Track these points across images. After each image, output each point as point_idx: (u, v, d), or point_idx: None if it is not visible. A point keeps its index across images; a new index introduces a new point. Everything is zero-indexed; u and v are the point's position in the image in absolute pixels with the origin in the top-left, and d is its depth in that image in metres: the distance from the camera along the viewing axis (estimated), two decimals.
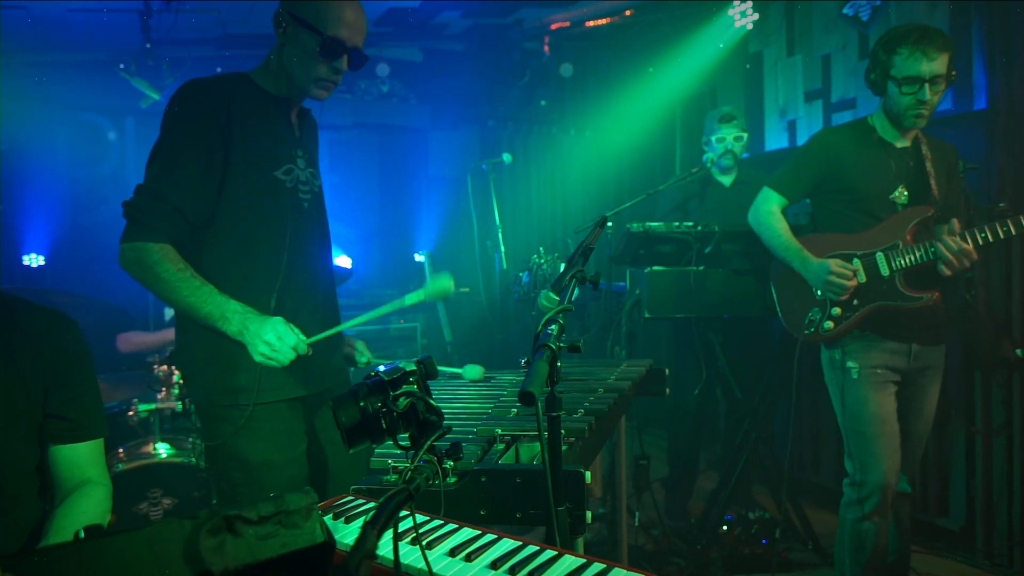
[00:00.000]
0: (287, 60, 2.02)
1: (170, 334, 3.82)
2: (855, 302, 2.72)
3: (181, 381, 3.17)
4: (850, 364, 2.73)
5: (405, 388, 0.94)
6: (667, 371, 2.50)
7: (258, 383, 1.95)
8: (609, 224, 3.59)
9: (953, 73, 2.64)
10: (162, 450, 3.10)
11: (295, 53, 2.00)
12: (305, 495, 0.76)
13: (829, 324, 2.76)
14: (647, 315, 3.32)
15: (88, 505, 1.56)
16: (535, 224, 6.33)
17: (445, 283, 1.99)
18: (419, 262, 5.51)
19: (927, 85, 2.58)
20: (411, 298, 2.00)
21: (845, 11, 4.26)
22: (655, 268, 3.35)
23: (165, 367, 3.24)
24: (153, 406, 3.16)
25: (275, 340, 1.84)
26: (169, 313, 4.08)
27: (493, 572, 0.97)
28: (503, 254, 4.10)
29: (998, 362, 3.41)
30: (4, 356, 1.54)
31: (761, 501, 3.98)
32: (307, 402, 2.10)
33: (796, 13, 4.64)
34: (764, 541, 3.52)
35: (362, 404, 0.93)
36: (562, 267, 3.69)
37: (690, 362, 3.73)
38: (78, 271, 4.71)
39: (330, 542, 0.75)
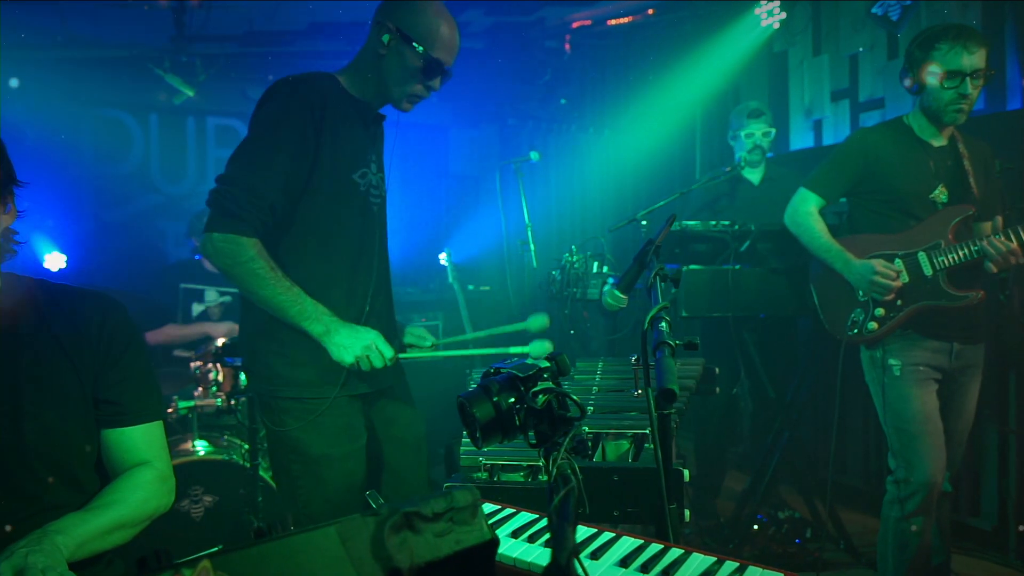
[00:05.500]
0: (386, 71, 2.04)
1: (203, 327, 3.81)
2: (899, 302, 2.72)
3: (219, 376, 3.15)
4: (892, 362, 2.73)
5: (542, 385, 0.94)
6: (717, 370, 2.49)
7: (334, 377, 1.97)
8: (644, 223, 3.60)
9: (992, 70, 2.66)
10: (200, 448, 3.10)
11: (396, 67, 2.02)
12: (470, 492, 0.75)
13: (873, 325, 2.76)
14: (684, 314, 3.32)
15: (126, 487, 1.53)
16: (554, 222, 6.32)
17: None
18: (442, 263, 5.50)
19: (968, 79, 2.61)
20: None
21: (874, 10, 4.26)
22: (692, 267, 3.34)
23: (201, 363, 3.23)
24: (192, 403, 3.15)
25: (373, 351, 1.91)
26: (197, 309, 4.07)
27: (623, 570, 0.96)
28: (533, 252, 4.10)
29: None
30: (55, 344, 1.52)
31: (790, 500, 3.98)
32: (366, 398, 2.12)
33: (823, 13, 4.65)
34: (797, 540, 3.53)
35: (496, 400, 0.93)
36: (595, 265, 3.69)
37: (723, 361, 3.72)
38: (102, 267, 4.70)
39: (495, 539, 0.74)
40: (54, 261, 4.74)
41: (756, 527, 3.60)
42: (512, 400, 0.94)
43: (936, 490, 2.66)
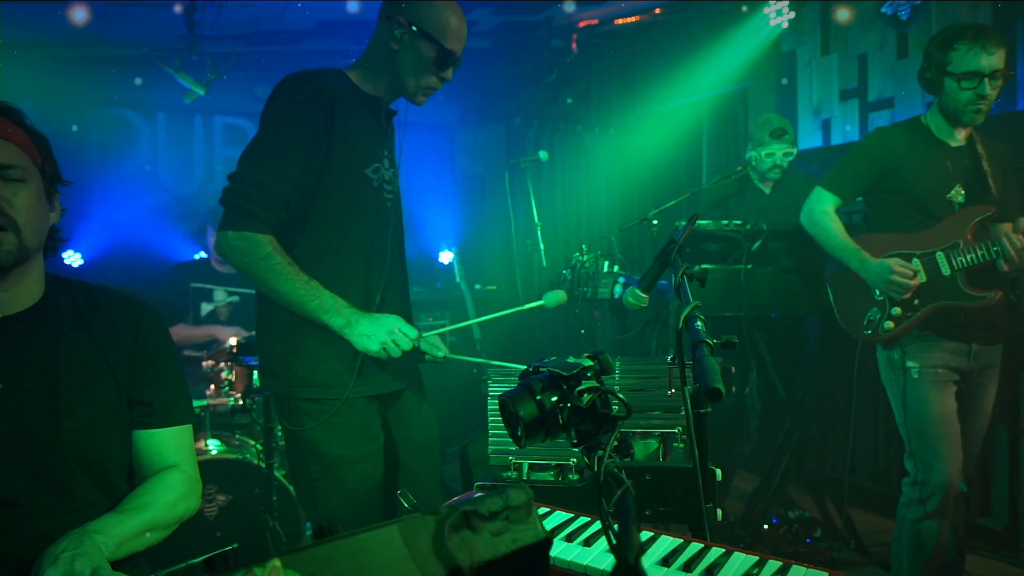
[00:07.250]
0: (400, 65, 2.03)
1: (210, 331, 3.81)
2: (916, 302, 2.71)
3: (231, 376, 3.14)
4: (910, 364, 2.73)
5: (586, 384, 0.94)
6: (733, 369, 2.49)
7: (351, 377, 1.96)
8: (655, 223, 3.60)
9: (1010, 70, 2.66)
10: (213, 447, 3.09)
11: (410, 60, 2.02)
12: (523, 491, 0.75)
13: (889, 324, 2.75)
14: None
15: (158, 489, 1.53)
16: (560, 221, 6.32)
17: (560, 296, 2.24)
18: (447, 262, 5.50)
19: (986, 80, 2.60)
20: (530, 305, 2.24)
21: (884, 10, 4.26)
22: (704, 266, 3.33)
23: (213, 362, 3.23)
24: (205, 402, 3.14)
25: (398, 334, 1.89)
26: (206, 309, 4.06)
27: (666, 569, 0.96)
28: (542, 252, 4.10)
29: None
30: (93, 346, 1.53)
31: (799, 500, 3.98)
32: (383, 399, 2.11)
33: (832, 12, 4.64)
34: (808, 540, 3.53)
35: (539, 399, 0.93)
36: (606, 265, 3.69)
37: (734, 360, 3.72)
38: (110, 266, 4.70)
39: (550, 538, 0.74)
40: (71, 260, 4.75)
41: (766, 526, 3.59)
42: (555, 399, 0.93)
43: (953, 491, 2.66)
